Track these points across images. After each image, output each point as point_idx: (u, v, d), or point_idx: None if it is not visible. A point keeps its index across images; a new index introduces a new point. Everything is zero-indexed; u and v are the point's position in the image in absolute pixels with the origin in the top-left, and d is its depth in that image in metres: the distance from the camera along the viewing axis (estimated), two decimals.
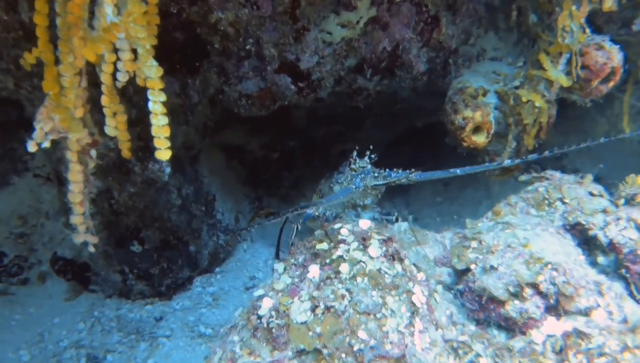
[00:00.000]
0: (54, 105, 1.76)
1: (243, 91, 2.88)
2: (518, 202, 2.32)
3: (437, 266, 2.33)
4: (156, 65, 1.76)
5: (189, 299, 3.65)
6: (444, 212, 5.26)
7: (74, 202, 1.93)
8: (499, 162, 2.58)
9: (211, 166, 4.24)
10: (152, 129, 1.81)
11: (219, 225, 3.99)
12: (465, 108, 2.96)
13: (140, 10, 1.62)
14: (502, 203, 2.35)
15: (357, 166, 3.45)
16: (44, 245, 3.87)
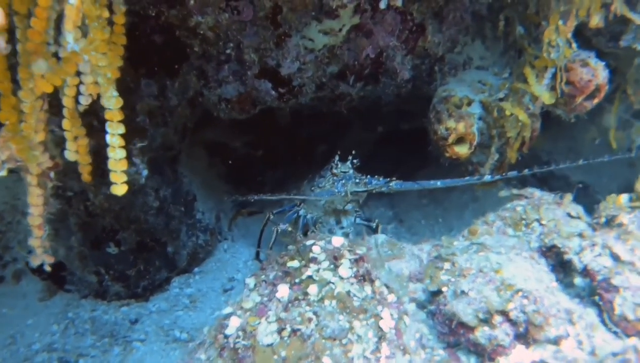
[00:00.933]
0: (11, 134, 1.69)
1: (222, 95, 2.82)
2: (495, 221, 2.29)
3: (412, 282, 2.31)
4: (116, 96, 1.70)
5: (165, 301, 3.60)
6: (429, 215, 5.24)
7: (33, 225, 1.88)
8: (479, 177, 2.56)
9: (193, 164, 4.18)
10: (109, 163, 1.75)
11: (199, 225, 3.94)
12: (449, 118, 2.92)
13: (103, 37, 1.55)
14: (479, 221, 2.32)
15: (338, 171, 3.42)
16: (20, 243, 3.80)
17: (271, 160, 4.72)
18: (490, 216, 2.34)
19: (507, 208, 2.36)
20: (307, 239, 2.10)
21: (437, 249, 2.39)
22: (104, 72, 1.61)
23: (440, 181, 2.78)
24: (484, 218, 2.34)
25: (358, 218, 3.69)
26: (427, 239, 2.60)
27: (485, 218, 2.32)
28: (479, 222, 2.34)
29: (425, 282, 2.07)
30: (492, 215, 2.34)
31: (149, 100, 2.74)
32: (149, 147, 2.91)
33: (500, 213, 2.33)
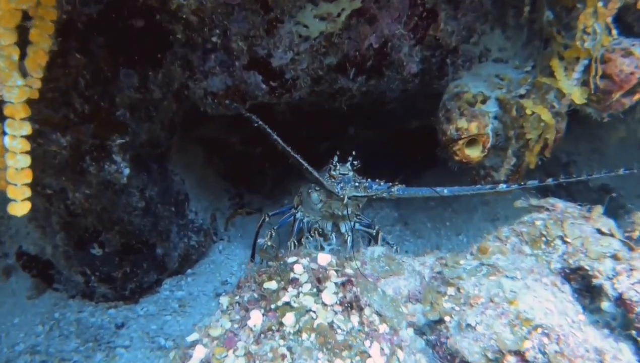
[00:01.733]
0: None
1: (208, 88, 2.55)
2: (510, 236, 2.00)
3: (410, 302, 2.03)
4: (21, 85, 1.39)
5: (155, 304, 3.38)
6: (437, 217, 4.94)
7: None
8: (492, 186, 2.26)
9: (187, 161, 3.94)
10: (7, 173, 1.45)
11: (191, 225, 3.70)
12: (460, 117, 2.62)
13: (7, 6, 1.25)
14: (491, 237, 2.03)
15: (337, 173, 3.15)
16: (11, 238, 3.60)
17: (270, 158, 4.45)
18: (503, 230, 2.05)
19: (525, 222, 2.06)
20: (290, 255, 1.84)
21: (441, 263, 2.13)
22: (8, 52, 1.31)
23: (447, 189, 2.49)
24: (497, 232, 2.05)
25: (358, 223, 3.41)
26: (431, 251, 2.33)
27: (498, 233, 2.03)
28: (491, 237, 2.05)
29: (425, 308, 1.79)
30: (506, 230, 2.05)
31: (129, 92, 2.50)
32: (131, 143, 2.67)
33: (515, 228, 2.03)
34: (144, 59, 2.46)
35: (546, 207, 2.08)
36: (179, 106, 2.84)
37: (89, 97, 2.33)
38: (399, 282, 2.08)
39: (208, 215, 4.07)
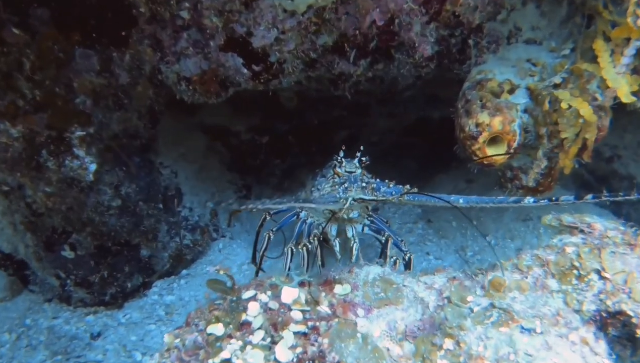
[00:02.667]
0: None
1: (182, 73, 2.20)
2: (532, 266, 1.57)
3: (407, 340, 1.65)
4: None
5: (140, 310, 3.09)
6: (462, 215, 4.47)
7: None
8: (517, 199, 1.83)
9: (183, 151, 3.62)
10: None
11: (185, 223, 3.40)
12: (482, 110, 2.18)
13: None
14: (508, 266, 1.61)
15: (342, 170, 2.75)
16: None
17: (279, 148, 4.08)
18: (525, 257, 1.62)
19: (552, 247, 1.63)
20: (250, 286, 1.48)
21: (454, 285, 1.75)
22: None
23: (463, 198, 2.07)
24: (517, 259, 1.62)
25: (367, 227, 3.01)
26: (442, 269, 1.95)
27: (519, 260, 1.60)
28: (509, 264, 1.63)
29: (416, 360, 1.40)
30: (529, 257, 1.62)
31: (89, 76, 2.16)
32: (97, 135, 2.35)
33: (540, 255, 1.61)
34: (104, 38, 2.11)
35: (581, 228, 1.63)
36: (157, 92, 2.50)
37: (38, 81, 2.02)
38: (396, 313, 1.70)
39: (207, 210, 3.75)
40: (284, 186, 4.32)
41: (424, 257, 3.97)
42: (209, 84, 2.18)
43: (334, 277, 1.83)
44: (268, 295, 1.40)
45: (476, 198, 2.01)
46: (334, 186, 2.61)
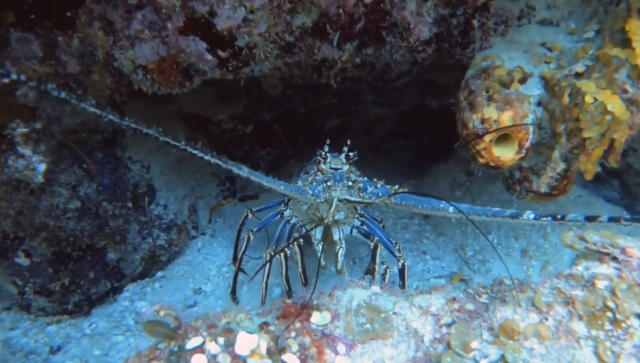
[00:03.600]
0: None
1: (137, 60, 1.87)
2: (553, 304, 1.28)
3: None
4: None
5: (107, 319, 2.81)
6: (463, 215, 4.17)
7: None
8: (514, 213, 1.54)
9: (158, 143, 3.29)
10: None
11: (159, 222, 3.10)
12: (488, 103, 1.87)
13: None
14: (523, 302, 1.32)
15: (327, 166, 2.45)
16: None
17: (264, 138, 3.76)
18: (543, 292, 1.33)
19: (577, 277, 1.34)
20: (197, 328, 1.18)
21: (453, 307, 1.50)
22: None
23: (452, 207, 1.77)
24: (535, 297, 1.33)
25: (356, 229, 2.72)
26: (440, 287, 1.69)
27: (537, 298, 1.31)
28: (523, 300, 1.34)
29: None
30: (548, 290, 1.33)
31: (30, 63, 1.84)
32: (45, 131, 2.03)
33: (563, 288, 1.32)
34: (46, 19, 1.78)
35: (613, 255, 1.34)
36: (117, 81, 2.17)
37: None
38: (384, 350, 1.43)
39: (186, 206, 3.45)
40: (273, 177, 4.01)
41: (421, 257, 3.69)
42: (169, 72, 1.86)
43: (311, 302, 1.57)
44: (219, 344, 1.11)
45: (481, 209, 1.71)
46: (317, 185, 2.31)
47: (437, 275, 3.51)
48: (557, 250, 3.39)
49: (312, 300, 1.62)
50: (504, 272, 3.37)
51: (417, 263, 3.63)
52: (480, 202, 4.13)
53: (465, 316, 1.64)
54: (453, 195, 4.29)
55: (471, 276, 3.41)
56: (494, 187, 4.14)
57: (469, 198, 4.19)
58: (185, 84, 1.98)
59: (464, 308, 1.63)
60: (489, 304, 1.65)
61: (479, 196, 4.18)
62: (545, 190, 2.08)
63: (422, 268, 3.62)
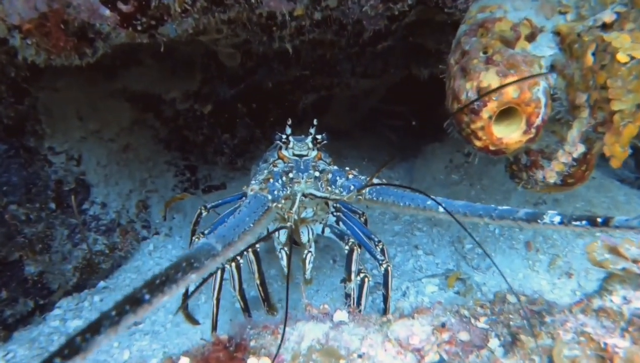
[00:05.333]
0: None
1: (8, 18, 1.35)
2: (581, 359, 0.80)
3: None
4: None
5: (29, 345, 2.33)
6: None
7: None
8: (533, 213, 1.06)
9: (95, 128, 2.78)
10: None
11: (96, 223, 2.61)
12: (486, 67, 1.37)
13: None
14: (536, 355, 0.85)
15: (289, 153, 1.97)
16: None
17: (226, 119, 3.25)
18: (565, 339, 0.87)
19: (613, 315, 0.91)
20: None
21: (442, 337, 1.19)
22: None
23: (463, 205, 1.29)
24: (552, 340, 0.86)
25: (329, 228, 2.24)
26: (425, 309, 1.33)
27: (555, 346, 0.84)
28: (536, 350, 0.87)
29: None
30: (571, 336, 0.88)
31: None
32: None
33: (593, 332, 0.86)
34: None
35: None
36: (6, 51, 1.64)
37: None
38: None
39: (133, 202, 2.95)
40: (237, 165, 3.51)
41: (412, 252, 3.21)
42: (56, 35, 1.35)
43: (247, 343, 1.17)
44: None
45: (482, 207, 1.22)
46: (271, 176, 1.81)
47: (430, 274, 3.03)
48: (567, 242, 2.93)
49: (248, 340, 1.21)
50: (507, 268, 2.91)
51: (407, 260, 3.17)
52: (480, 187, 3.66)
53: (458, 350, 1.26)
54: (449, 178, 3.82)
55: (469, 274, 2.93)
56: (495, 170, 3.65)
57: (467, 182, 3.72)
58: (84, 50, 1.47)
59: (456, 338, 1.25)
60: (489, 331, 1.27)
61: (478, 180, 3.71)
62: (555, 180, 1.60)
63: (413, 266, 3.14)
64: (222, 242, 1.05)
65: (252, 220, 1.29)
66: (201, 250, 0.96)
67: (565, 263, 2.74)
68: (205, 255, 0.96)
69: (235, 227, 1.18)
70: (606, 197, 3.42)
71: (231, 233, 1.13)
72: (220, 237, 1.07)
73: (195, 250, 0.95)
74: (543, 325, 0.96)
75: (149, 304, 0.75)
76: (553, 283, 2.63)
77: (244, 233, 1.22)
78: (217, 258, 1.00)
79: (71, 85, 2.68)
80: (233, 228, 1.16)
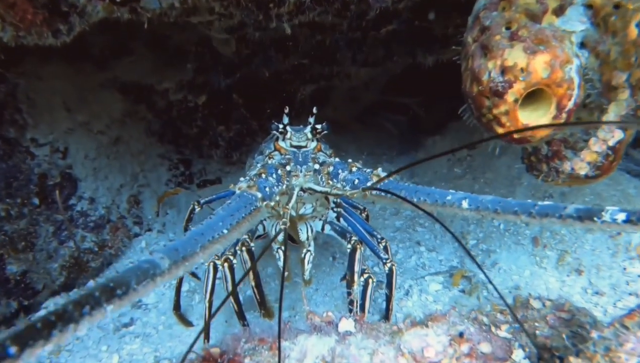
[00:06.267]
0: None
1: None
2: None
3: None
4: None
5: None
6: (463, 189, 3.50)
7: None
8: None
9: (83, 120, 2.63)
10: None
11: (83, 220, 2.46)
12: (511, 44, 1.22)
13: None
14: None
15: (286, 144, 1.82)
16: None
17: (221, 110, 3.09)
18: None
19: None
20: None
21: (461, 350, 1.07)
22: None
23: (468, 200, 1.13)
24: None
25: (329, 225, 2.09)
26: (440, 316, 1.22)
27: None
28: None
29: None
30: None
31: None
32: None
33: None
34: None
35: None
36: None
37: None
38: None
39: (124, 198, 2.80)
40: (233, 159, 3.35)
41: (414, 249, 3.07)
42: (21, 6, 1.19)
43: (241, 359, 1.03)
44: None
45: (492, 198, 1.07)
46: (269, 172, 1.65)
47: (433, 272, 2.89)
48: (577, 237, 2.78)
49: (242, 356, 1.07)
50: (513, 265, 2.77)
51: (409, 257, 3.02)
52: (484, 181, 3.52)
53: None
54: (452, 172, 3.68)
55: (475, 271, 2.78)
56: (499, 162, 3.50)
57: (471, 176, 3.58)
58: (57, 27, 1.31)
59: (477, 350, 1.10)
60: (512, 341, 1.13)
61: (481, 174, 3.56)
62: (587, 172, 1.45)
63: (416, 263, 3.00)
64: (172, 257, 0.82)
65: (225, 225, 1.09)
66: (136, 270, 0.72)
67: (574, 259, 2.59)
68: (141, 275, 0.72)
69: (199, 235, 0.97)
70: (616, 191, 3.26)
71: (189, 246, 0.89)
72: (170, 251, 0.83)
73: (127, 270, 0.71)
74: (589, 342, 0.81)
75: None
76: (562, 280, 2.47)
77: (210, 242, 0.99)
78: (156, 279, 0.75)
79: (57, 74, 2.52)
80: (194, 239, 0.95)
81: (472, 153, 3.68)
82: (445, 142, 3.95)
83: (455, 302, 2.52)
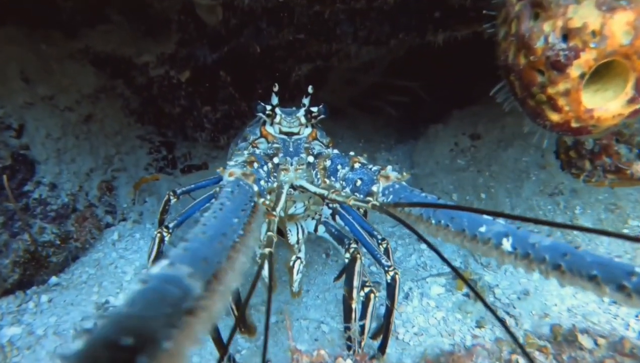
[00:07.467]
0: None
1: None
2: None
3: None
4: None
5: None
6: (467, 183, 3.28)
7: None
8: None
9: (49, 92, 2.30)
10: None
11: (41, 209, 2.14)
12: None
13: None
14: None
15: (275, 129, 1.52)
16: None
17: (207, 88, 2.77)
18: None
19: None
20: None
21: None
22: None
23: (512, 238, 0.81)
24: None
25: (323, 225, 1.80)
26: (461, 356, 1.29)
27: None
28: None
29: None
30: None
31: None
32: None
33: None
34: None
35: None
36: None
37: None
38: None
39: (94, 183, 2.48)
40: (220, 143, 3.03)
41: (414, 246, 2.81)
42: None
43: None
44: None
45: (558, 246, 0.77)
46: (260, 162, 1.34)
47: (435, 273, 2.62)
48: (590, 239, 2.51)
49: None
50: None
51: (409, 255, 2.76)
52: (489, 174, 3.22)
53: None
54: (455, 163, 3.38)
55: (479, 273, 2.51)
56: (506, 155, 3.21)
57: (475, 168, 3.29)
58: None
59: None
60: None
61: (487, 166, 3.27)
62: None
63: (416, 262, 2.73)
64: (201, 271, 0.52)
65: (241, 223, 0.78)
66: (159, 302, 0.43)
67: None
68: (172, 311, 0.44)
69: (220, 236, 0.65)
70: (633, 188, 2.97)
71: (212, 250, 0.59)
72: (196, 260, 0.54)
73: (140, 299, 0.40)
74: None
75: None
76: (605, 307, 2.10)
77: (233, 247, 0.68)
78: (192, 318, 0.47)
79: (13, 38, 2.19)
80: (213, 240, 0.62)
81: (476, 143, 3.38)
82: (447, 131, 3.66)
83: (460, 308, 2.26)
